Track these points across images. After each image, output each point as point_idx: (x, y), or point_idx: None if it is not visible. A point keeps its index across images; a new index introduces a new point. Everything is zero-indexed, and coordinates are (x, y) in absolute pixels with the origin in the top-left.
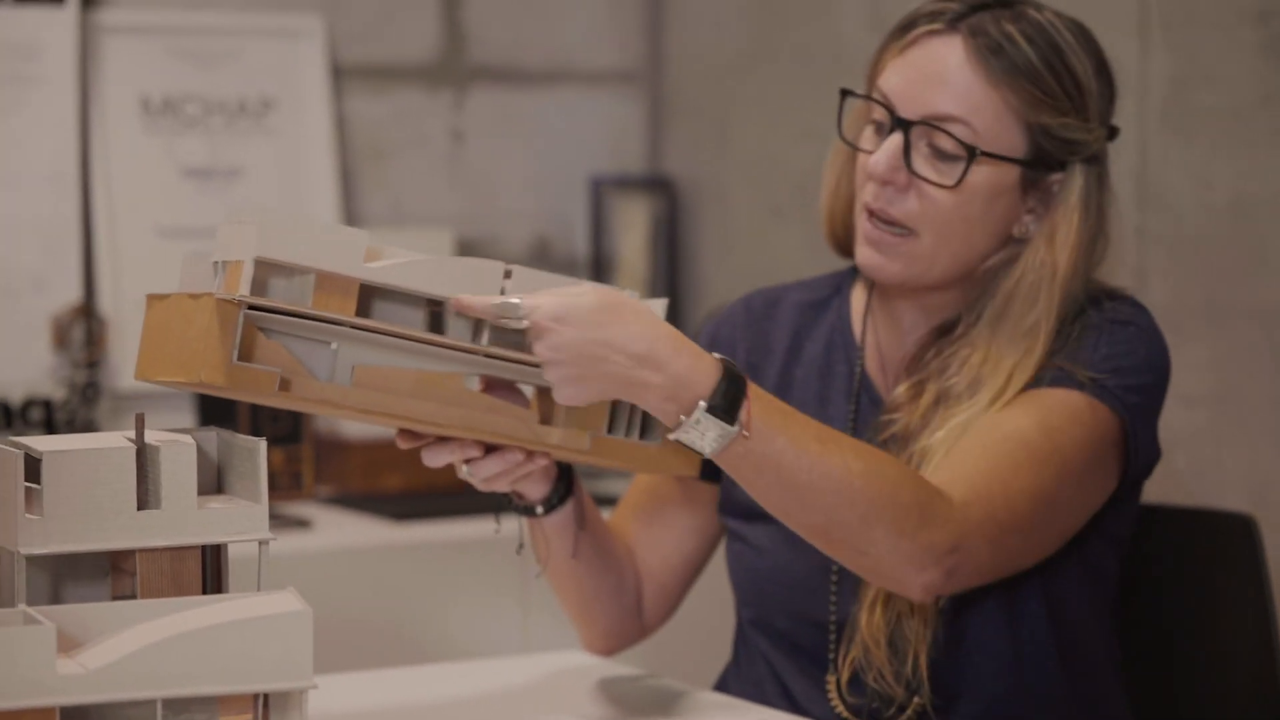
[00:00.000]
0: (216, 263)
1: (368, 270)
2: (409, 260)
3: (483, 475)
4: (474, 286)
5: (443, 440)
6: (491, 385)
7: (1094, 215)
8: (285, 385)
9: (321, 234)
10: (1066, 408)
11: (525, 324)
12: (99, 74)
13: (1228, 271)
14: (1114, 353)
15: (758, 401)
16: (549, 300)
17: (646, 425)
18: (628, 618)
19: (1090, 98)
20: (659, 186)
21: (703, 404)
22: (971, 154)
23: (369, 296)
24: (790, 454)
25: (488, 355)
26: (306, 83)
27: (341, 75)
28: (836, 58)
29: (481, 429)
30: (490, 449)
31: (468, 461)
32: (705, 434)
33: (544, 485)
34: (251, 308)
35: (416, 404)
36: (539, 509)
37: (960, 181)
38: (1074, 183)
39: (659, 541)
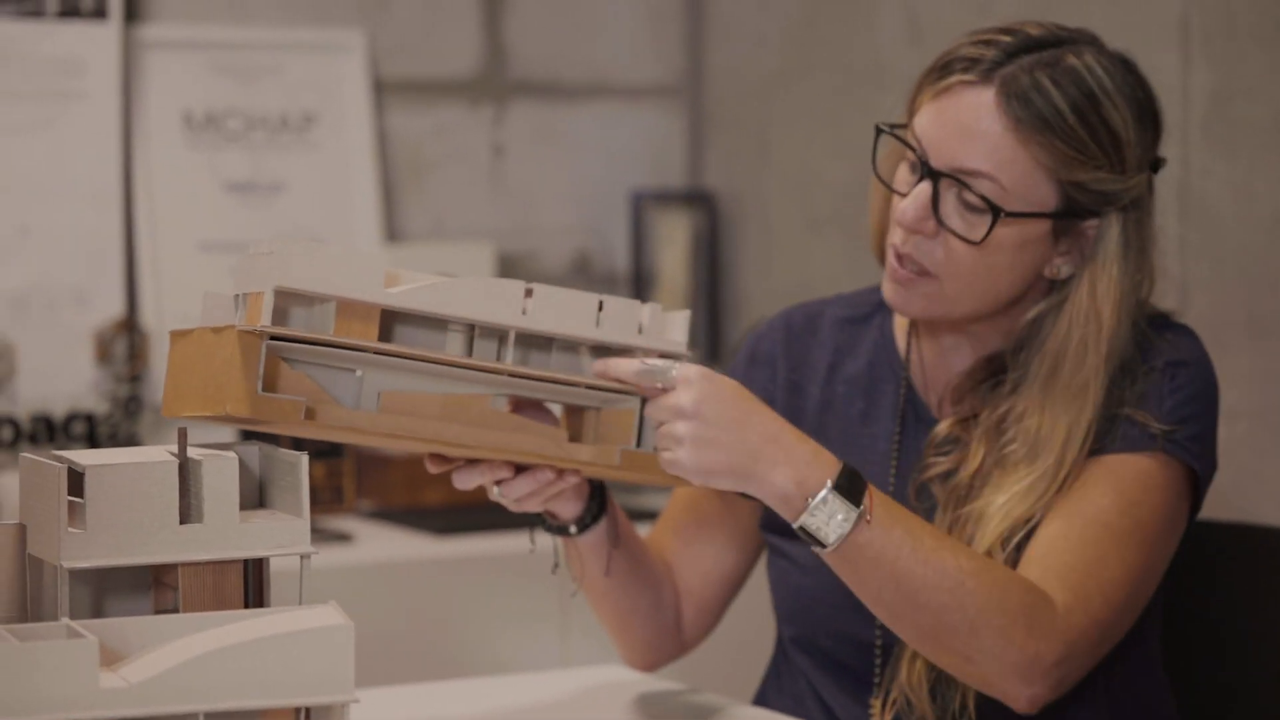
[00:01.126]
0: (237, 296)
1: (388, 295)
2: (428, 283)
3: (514, 496)
4: (494, 306)
5: (472, 462)
6: (520, 405)
7: (1134, 261)
8: (311, 414)
9: (340, 261)
10: (1140, 477)
11: (672, 378)
12: (142, 89)
13: (1270, 284)
14: (1180, 401)
15: (877, 493)
16: (695, 366)
17: None
18: (666, 635)
19: (1127, 149)
20: (699, 201)
21: (829, 482)
22: (996, 214)
23: (391, 321)
24: (907, 546)
25: (512, 375)
26: (348, 97)
27: (383, 90)
28: (876, 73)
29: (510, 449)
30: (520, 469)
31: (498, 483)
32: (833, 515)
33: (576, 504)
34: (274, 338)
35: (444, 427)
36: (572, 528)
37: (984, 239)
38: (1110, 231)
39: (698, 558)
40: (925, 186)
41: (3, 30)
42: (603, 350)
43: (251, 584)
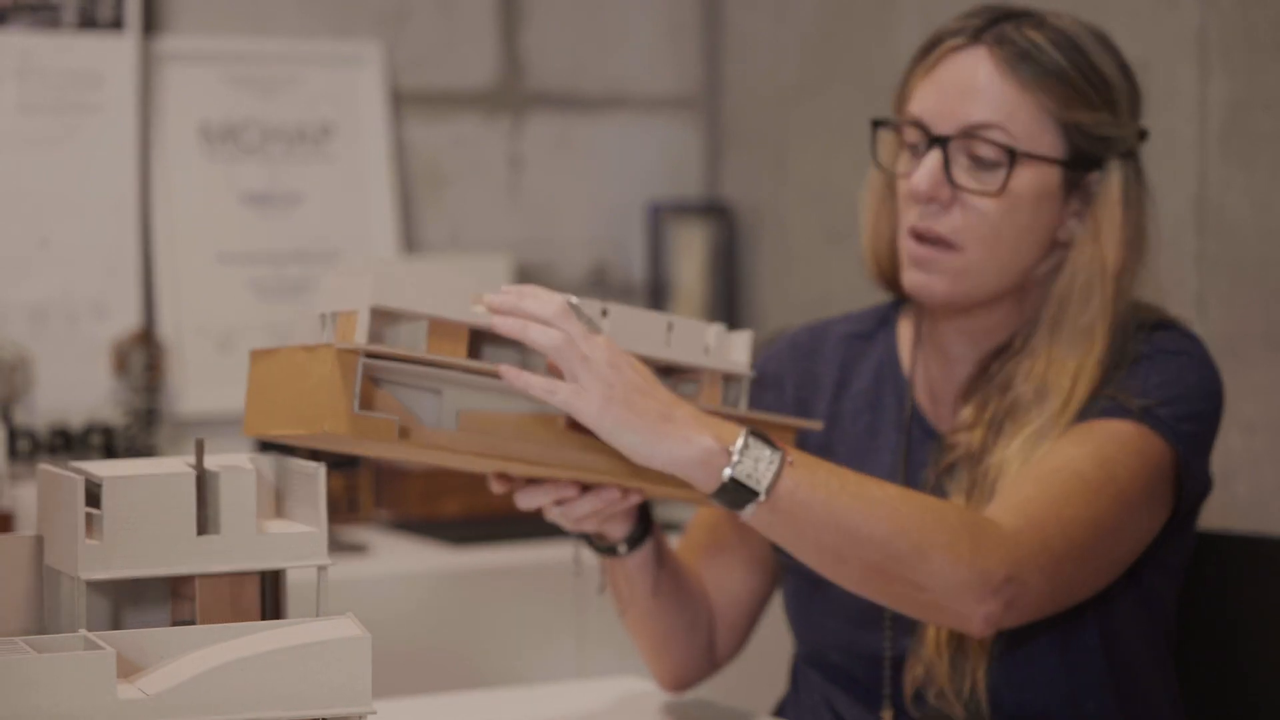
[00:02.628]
0: (323, 315)
1: (477, 315)
2: None
3: (577, 515)
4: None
5: (534, 482)
6: (574, 427)
7: (1135, 210)
8: (405, 433)
9: (432, 281)
10: (1119, 438)
11: (595, 326)
12: (159, 101)
13: None
14: (1165, 381)
15: (786, 444)
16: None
17: None
18: (701, 655)
19: (1119, 93)
20: (716, 212)
21: (745, 430)
22: (1012, 156)
23: (477, 341)
24: (835, 484)
25: None
26: (365, 109)
27: (400, 102)
28: (894, 84)
29: (584, 467)
30: (585, 489)
31: (560, 503)
32: (759, 458)
33: (627, 524)
34: (370, 356)
35: (524, 446)
36: (621, 548)
37: (1004, 186)
38: (1113, 178)
39: (722, 579)
40: (935, 154)
41: (21, 42)
42: (666, 371)
43: (269, 595)
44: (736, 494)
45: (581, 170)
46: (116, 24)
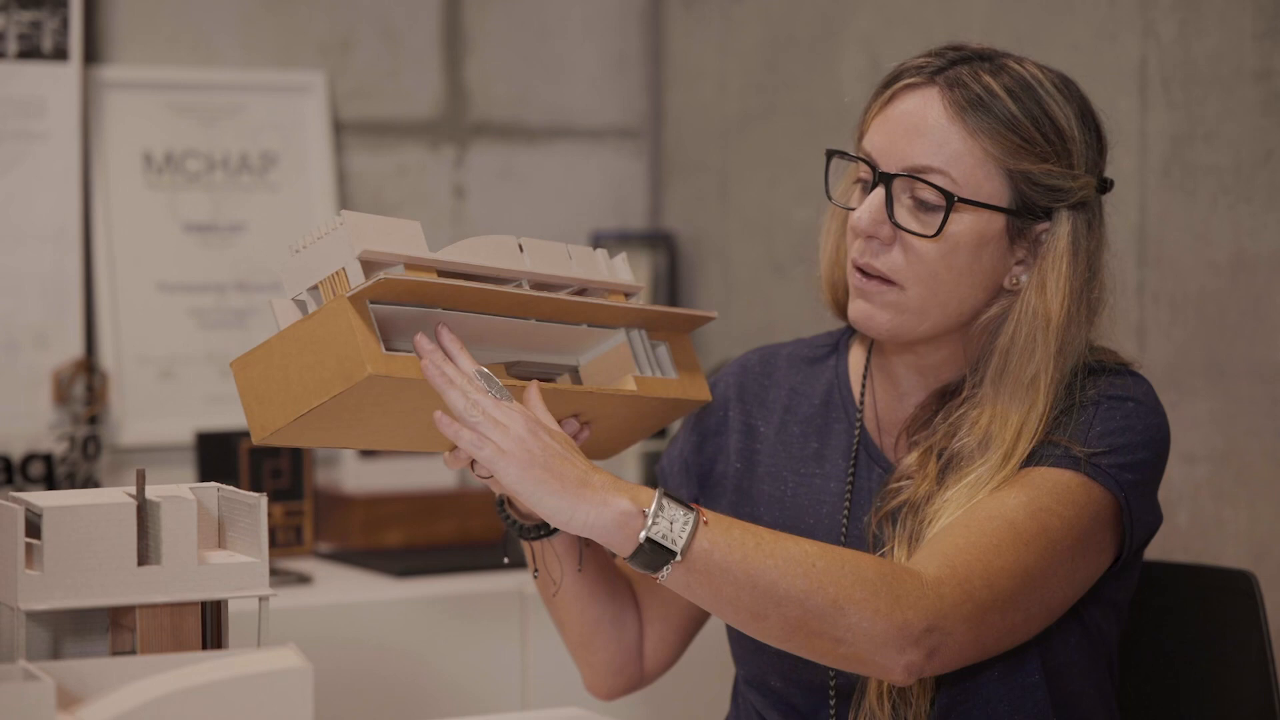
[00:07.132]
0: (298, 300)
1: (440, 254)
2: (458, 243)
3: None
4: (505, 258)
5: None
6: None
7: (1084, 262)
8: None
9: (395, 227)
10: (1056, 488)
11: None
12: (101, 130)
13: (1228, 328)
14: (1110, 430)
15: (700, 506)
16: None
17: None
18: (628, 657)
19: (1073, 144)
20: (660, 242)
21: (660, 490)
22: (950, 201)
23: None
24: (750, 543)
25: (542, 311)
26: (308, 139)
27: (343, 131)
28: (837, 115)
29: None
30: None
31: None
32: (674, 519)
33: None
34: (375, 302)
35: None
36: (548, 525)
37: (941, 230)
38: (1060, 229)
39: (658, 589)
40: (878, 191)
41: None
42: (580, 293)
43: (210, 626)
44: (653, 555)
45: (525, 200)
46: (60, 53)
